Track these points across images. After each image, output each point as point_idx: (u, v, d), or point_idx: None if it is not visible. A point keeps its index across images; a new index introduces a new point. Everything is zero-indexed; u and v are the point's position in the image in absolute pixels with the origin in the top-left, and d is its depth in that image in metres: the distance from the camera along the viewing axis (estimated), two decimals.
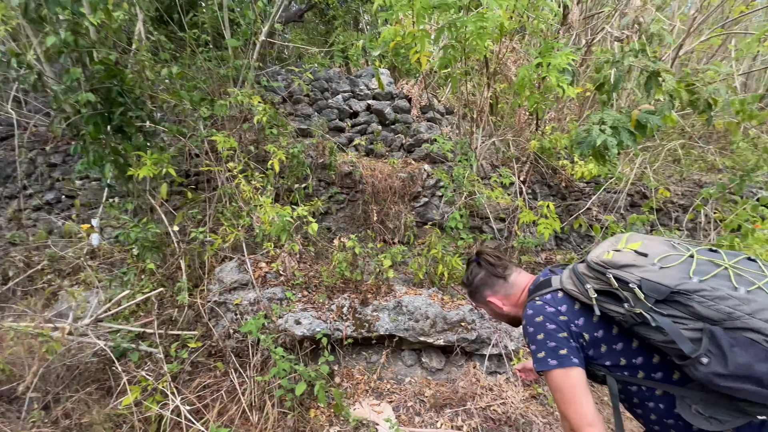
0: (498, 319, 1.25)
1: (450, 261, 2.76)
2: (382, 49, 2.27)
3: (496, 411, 2.18)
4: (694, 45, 3.62)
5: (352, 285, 2.65)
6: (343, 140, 4.27)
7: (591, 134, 2.03)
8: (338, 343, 2.41)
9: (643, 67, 2.15)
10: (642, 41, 2.40)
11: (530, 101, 2.21)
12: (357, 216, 3.83)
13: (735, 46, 3.63)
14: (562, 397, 0.90)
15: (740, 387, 0.72)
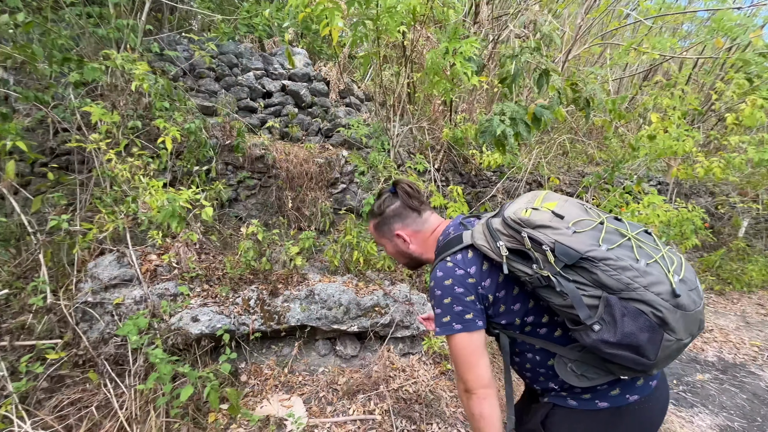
0: (399, 259, 1.18)
1: (365, 247, 2.74)
2: (291, 20, 2.11)
3: (408, 391, 2.24)
4: (580, 51, 4.09)
5: (261, 275, 2.47)
6: (255, 121, 3.96)
7: (492, 124, 2.14)
8: (244, 338, 2.22)
9: (537, 65, 2.34)
10: (537, 40, 2.61)
11: (438, 87, 2.26)
12: (270, 203, 3.60)
13: (610, 55, 4.20)
14: (463, 361, 0.90)
15: (620, 353, 0.76)
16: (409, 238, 1.09)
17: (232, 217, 3.32)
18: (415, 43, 3.54)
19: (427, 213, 1.11)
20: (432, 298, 0.95)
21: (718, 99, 4.06)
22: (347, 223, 2.83)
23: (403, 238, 1.09)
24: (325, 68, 4.66)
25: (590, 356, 0.85)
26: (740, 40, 3.23)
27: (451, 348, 0.92)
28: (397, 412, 2.07)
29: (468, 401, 0.91)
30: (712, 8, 3.91)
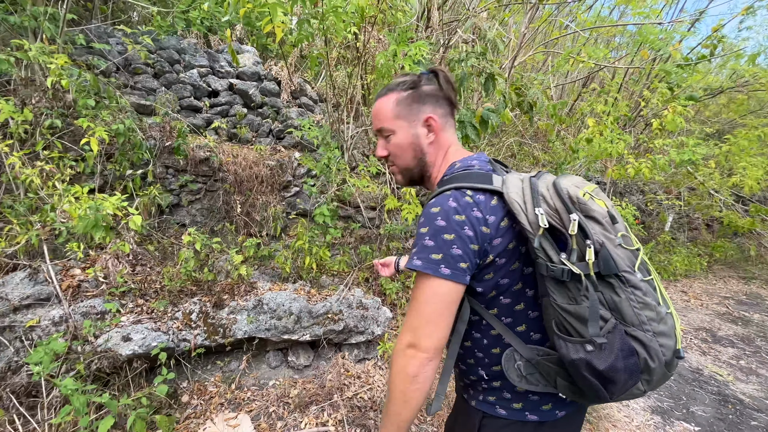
0: (403, 156, 0.90)
1: (318, 252, 2.66)
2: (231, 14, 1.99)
3: (363, 398, 2.19)
4: (525, 58, 4.29)
5: (204, 287, 2.31)
6: (200, 122, 3.73)
7: None
8: (185, 356, 2.06)
9: (482, 69, 2.40)
10: (484, 46, 2.68)
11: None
12: (217, 208, 3.40)
13: (552, 62, 4.44)
14: (429, 311, 0.75)
15: (593, 381, 0.70)
16: (438, 132, 0.88)
17: (173, 224, 3.09)
18: (367, 45, 3.52)
19: (454, 125, 0.93)
20: (426, 225, 0.77)
21: (645, 106, 4.44)
22: (299, 228, 2.73)
23: (432, 126, 0.87)
24: (276, 67, 4.50)
25: (546, 364, 0.79)
26: (662, 53, 3.56)
27: (422, 291, 0.76)
28: (351, 421, 2.01)
29: (409, 358, 0.76)
30: (638, 23, 4.27)
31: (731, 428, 2.44)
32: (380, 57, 2.11)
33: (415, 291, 0.77)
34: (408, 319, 0.78)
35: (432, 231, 0.76)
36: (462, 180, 0.81)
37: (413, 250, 0.78)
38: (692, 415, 2.52)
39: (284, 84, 4.39)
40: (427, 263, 0.74)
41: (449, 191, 0.79)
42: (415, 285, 0.77)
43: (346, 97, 4.30)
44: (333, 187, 3.34)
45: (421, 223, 0.78)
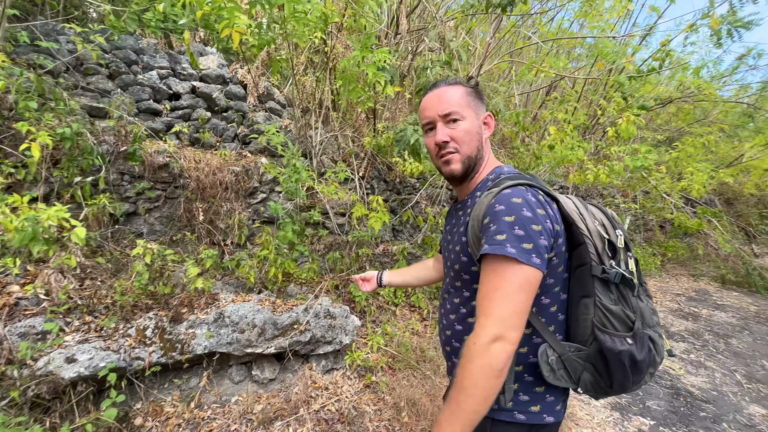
0: (469, 141, 0.92)
1: (285, 262, 2.59)
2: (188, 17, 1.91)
3: (330, 410, 2.14)
4: (491, 67, 4.41)
5: (161, 300, 2.19)
6: (160, 126, 3.56)
7: (406, 133, 2.17)
8: (139, 375, 1.94)
9: (446, 78, 2.43)
10: (449, 54, 2.73)
11: (353, 95, 2.23)
12: (178, 216, 3.25)
13: (515, 72, 4.60)
14: (518, 300, 0.75)
15: (628, 371, 0.79)
16: (489, 133, 0.97)
17: (129, 234, 2.92)
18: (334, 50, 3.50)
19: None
20: (512, 214, 0.77)
21: (603, 114, 4.68)
22: (264, 236, 2.65)
23: (489, 123, 0.97)
24: (242, 71, 4.39)
25: (575, 360, 0.84)
26: (617, 65, 3.76)
27: (511, 281, 0.75)
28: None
29: (497, 353, 0.73)
30: (595, 36, 4.50)
31: (683, 420, 2.58)
32: (344, 62, 2.10)
33: (500, 280, 0.75)
34: (493, 310, 0.75)
35: (520, 221, 0.77)
36: (533, 181, 0.86)
37: (499, 238, 0.76)
38: (648, 410, 2.64)
39: (250, 88, 4.28)
40: (520, 252, 0.75)
41: (522, 186, 0.82)
42: (498, 274, 0.76)
43: (314, 102, 4.25)
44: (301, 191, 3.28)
45: (501, 212, 0.78)
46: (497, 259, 0.76)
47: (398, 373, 2.56)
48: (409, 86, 4.31)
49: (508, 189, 0.81)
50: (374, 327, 2.99)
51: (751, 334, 4.27)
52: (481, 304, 0.77)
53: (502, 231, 0.76)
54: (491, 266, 0.77)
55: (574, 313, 0.86)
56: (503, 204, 0.79)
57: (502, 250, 0.75)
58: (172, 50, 4.10)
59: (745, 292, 6.19)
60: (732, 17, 3.90)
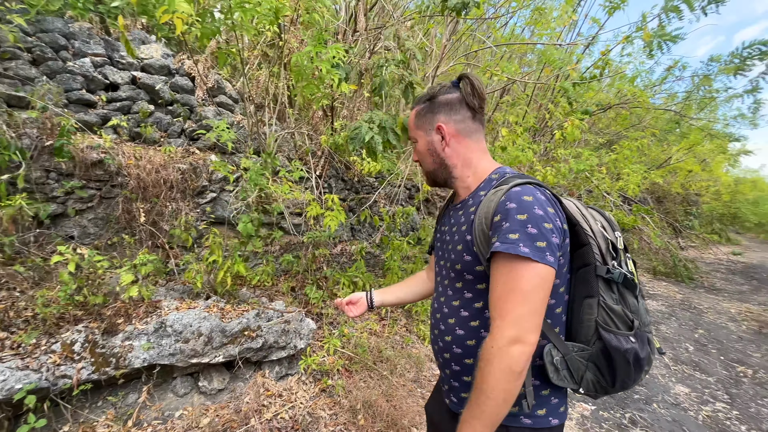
0: (425, 161, 0.98)
1: (234, 266, 2.46)
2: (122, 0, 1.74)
3: (284, 418, 2.07)
4: (447, 68, 4.50)
5: (93, 311, 2.00)
6: (94, 119, 3.26)
7: (361, 131, 2.14)
8: (65, 395, 1.75)
9: (402, 77, 2.44)
10: (404, 54, 2.73)
11: (307, 90, 2.17)
12: (116, 217, 2.99)
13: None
14: (534, 299, 0.73)
15: (632, 369, 0.82)
16: (449, 138, 0.93)
17: (56, 237, 2.63)
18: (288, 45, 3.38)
19: (480, 124, 0.95)
20: (524, 212, 0.76)
21: (550, 118, 4.95)
22: (212, 238, 2.50)
23: (442, 135, 0.93)
24: (189, 62, 4.12)
25: (578, 360, 0.84)
26: (562, 71, 3.99)
27: (527, 280, 0.73)
28: None
29: (517, 355, 0.72)
30: (543, 43, 4.73)
31: (620, 404, 2.79)
32: (296, 57, 2.02)
33: (515, 280, 0.74)
34: (509, 311, 0.74)
35: (533, 219, 0.76)
36: (533, 179, 0.85)
37: (512, 236, 0.74)
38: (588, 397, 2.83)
39: (199, 80, 4.03)
40: (534, 250, 0.73)
41: (531, 185, 0.81)
42: (512, 274, 0.74)
43: (269, 98, 4.09)
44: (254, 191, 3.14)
45: (513, 209, 0.77)
46: (511, 258, 0.74)
47: (355, 375, 2.53)
48: (368, 84, 4.28)
49: (517, 187, 0.80)
50: (331, 329, 2.94)
51: (677, 320, 4.73)
52: (496, 305, 0.76)
53: (514, 229, 0.75)
54: (504, 266, 0.75)
55: (576, 313, 0.87)
56: (514, 202, 0.77)
57: (515, 249, 0.73)
58: (108, 36, 3.76)
59: (673, 282, 6.85)
60: (661, 31, 4.27)
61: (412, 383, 2.57)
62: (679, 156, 9.65)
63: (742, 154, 12.17)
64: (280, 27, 3.10)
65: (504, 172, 0.91)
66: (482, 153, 0.95)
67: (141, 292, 1.98)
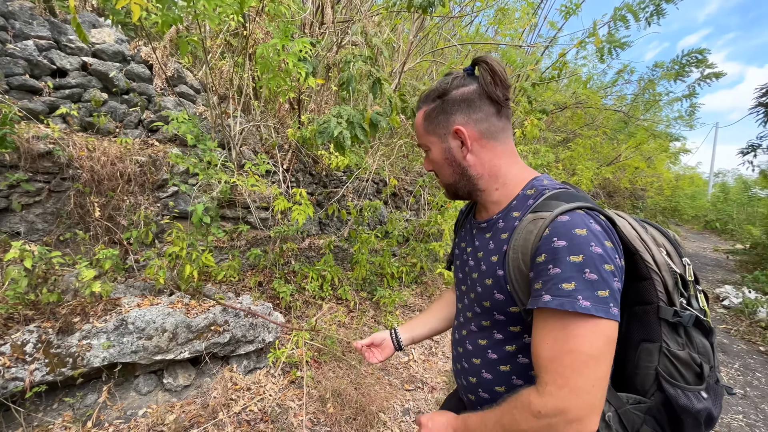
0: (442, 173, 0.81)
1: (199, 259, 2.42)
2: None
3: (252, 410, 2.09)
4: (413, 65, 4.58)
5: (45, 310, 1.90)
6: (40, 106, 3.04)
7: (329, 125, 2.17)
8: (17, 398, 1.67)
9: (370, 73, 2.48)
10: (371, 49, 2.77)
11: (273, 83, 2.16)
12: (68, 212, 2.82)
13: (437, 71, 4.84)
14: (603, 369, 0.58)
15: (703, 427, 0.67)
16: (471, 143, 0.75)
17: (0, 234, 2.46)
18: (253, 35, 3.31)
19: (507, 120, 0.77)
20: (579, 252, 0.59)
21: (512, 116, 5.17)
22: (174, 233, 2.44)
23: (463, 140, 0.75)
24: (146, 49, 3.92)
25: (633, 413, 0.69)
26: (522, 71, 4.19)
27: (590, 341, 0.57)
28: None
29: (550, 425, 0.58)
30: (506, 43, 4.92)
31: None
32: (261, 49, 2.01)
33: (574, 341, 0.58)
34: (566, 378, 0.57)
35: (590, 261, 0.59)
36: (578, 200, 0.67)
37: (566, 287, 0.59)
38: None
39: (157, 69, 3.86)
40: (596, 303, 0.58)
41: (581, 210, 0.64)
42: (569, 332, 0.58)
43: (233, 89, 3.99)
44: (218, 185, 3.08)
45: (564, 249, 0.60)
46: (566, 315, 0.59)
47: (324, 365, 2.58)
48: (335, 78, 4.28)
49: (565, 215, 0.63)
50: (299, 322, 2.96)
51: None
52: (548, 368, 0.60)
53: (569, 277, 0.59)
54: (558, 321, 0.59)
55: (631, 358, 0.71)
56: (564, 238, 0.61)
57: (573, 304, 0.58)
58: (54, 18, 3.50)
59: None
60: (611, 38, 4.59)
61: (380, 371, 2.66)
62: (627, 154, 10.40)
63: (681, 153, 13.33)
64: (245, 17, 3.04)
65: (541, 187, 0.73)
66: (511, 157, 0.78)
67: (102, 288, 1.91)
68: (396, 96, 2.65)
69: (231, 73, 4.09)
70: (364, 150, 4.06)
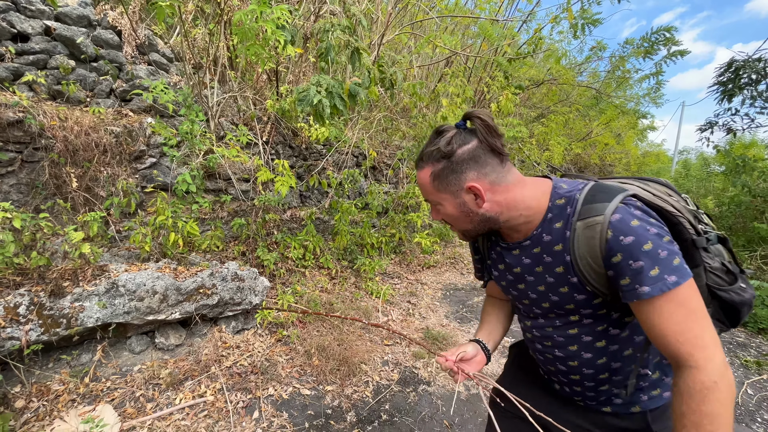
0: (459, 223, 0.88)
1: (184, 227, 2.49)
2: None
3: (243, 365, 2.24)
4: (392, 37, 4.58)
5: (33, 274, 1.95)
6: (3, 72, 2.93)
7: (309, 93, 2.24)
8: (15, 356, 1.75)
9: (348, 43, 2.53)
10: (350, 19, 2.79)
11: (251, 50, 2.18)
12: (43, 183, 2.79)
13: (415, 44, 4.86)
14: (702, 314, 0.70)
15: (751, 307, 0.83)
16: (484, 194, 0.81)
17: None
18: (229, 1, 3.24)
19: (508, 162, 0.83)
20: (644, 241, 0.70)
21: (488, 92, 5.30)
22: (158, 202, 2.48)
23: (477, 193, 0.81)
24: (113, 13, 3.75)
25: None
26: (498, 45, 4.28)
27: (689, 299, 0.70)
28: (230, 387, 2.06)
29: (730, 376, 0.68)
30: (482, 17, 4.97)
31: None
32: (239, 15, 2.02)
33: (684, 307, 0.70)
34: (700, 338, 0.69)
35: (655, 242, 0.70)
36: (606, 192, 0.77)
37: (654, 274, 0.69)
38: (513, 333, 3.35)
39: (126, 35, 3.71)
40: (677, 272, 0.69)
41: (620, 204, 0.75)
42: (677, 305, 0.70)
43: (208, 58, 3.90)
44: (198, 157, 3.09)
45: (635, 243, 0.71)
46: (665, 294, 0.70)
47: (308, 325, 2.75)
48: (313, 49, 4.24)
49: (616, 215, 0.73)
50: (284, 288, 3.10)
51: None
52: (680, 341, 0.70)
53: (651, 265, 0.70)
54: (663, 303, 0.71)
55: None
56: (629, 234, 0.71)
57: (666, 285, 0.69)
58: None
59: None
60: (584, 13, 4.71)
61: (361, 330, 2.85)
62: (598, 131, 10.79)
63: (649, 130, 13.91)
64: None
65: (569, 194, 0.81)
66: (520, 185, 0.84)
67: (91, 250, 1.96)
68: (375, 67, 2.72)
69: (205, 41, 3.99)
70: (343, 122, 4.11)
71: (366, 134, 4.28)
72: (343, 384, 2.22)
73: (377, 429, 1.93)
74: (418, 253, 4.82)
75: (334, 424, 1.93)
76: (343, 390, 2.18)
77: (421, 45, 4.25)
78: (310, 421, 1.94)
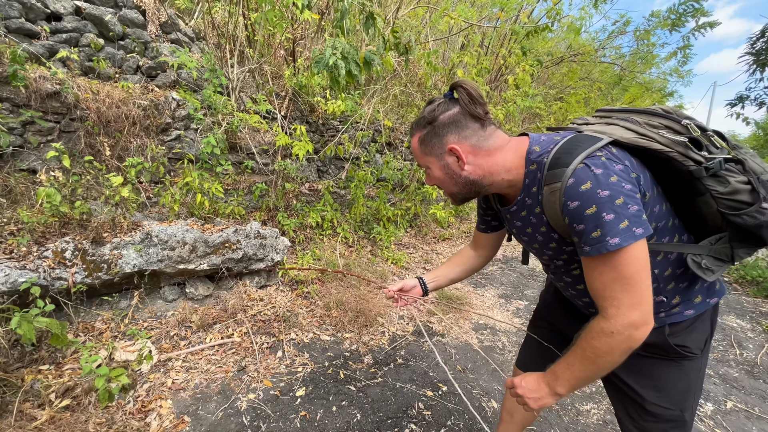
0: (446, 187, 0.94)
1: (210, 189, 2.63)
2: None
3: (267, 314, 2.38)
4: (407, 11, 4.58)
5: (75, 224, 2.13)
6: (40, 50, 3.12)
7: (326, 55, 2.31)
8: (64, 294, 1.93)
9: (361, 8, 2.57)
10: None
11: (270, 15, 2.26)
12: (79, 151, 2.98)
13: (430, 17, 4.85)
14: (641, 277, 0.72)
15: None
16: (465, 156, 0.86)
17: (17, 169, 2.63)
18: None
19: (491, 127, 0.88)
20: (592, 203, 0.71)
21: (505, 66, 5.24)
22: (186, 168, 2.63)
23: (458, 155, 0.86)
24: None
25: (721, 247, 0.83)
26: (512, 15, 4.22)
27: (628, 264, 0.72)
28: (256, 331, 2.20)
29: (638, 337, 0.73)
30: None
31: None
32: None
33: (617, 269, 0.72)
34: (621, 300, 0.73)
35: (602, 205, 0.71)
36: (571, 151, 0.77)
37: (594, 235, 0.72)
38: (524, 296, 3.38)
39: (150, 15, 3.87)
40: (622, 236, 0.70)
41: (581, 165, 0.74)
42: (611, 267, 0.73)
43: (227, 37, 4.02)
44: (221, 126, 3.22)
45: (580, 207, 0.73)
46: (604, 255, 0.72)
47: (327, 284, 2.87)
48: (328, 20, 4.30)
49: (570, 179, 0.74)
50: (303, 252, 3.23)
51: None
52: (604, 296, 0.75)
53: (593, 227, 0.72)
54: (600, 262, 0.74)
55: (695, 212, 0.85)
56: (575, 199, 0.73)
57: (605, 246, 0.71)
58: None
59: None
60: None
61: (377, 290, 2.96)
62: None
63: None
64: None
65: (539, 159, 0.83)
66: (503, 149, 0.88)
67: (129, 194, 2.12)
68: (390, 33, 2.76)
69: (225, 20, 4.10)
70: (359, 95, 4.17)
71: (382, 109, 4.34)
72: (361, 333, 2.33)
73: (393, 370, 2.04)
74: (433, 226, 4.88)
75: (352, 364, 2.05)
76: (361, 337, 2.29)
77: (437, 17, 4.24)
78: (329, 361, 2.06)
